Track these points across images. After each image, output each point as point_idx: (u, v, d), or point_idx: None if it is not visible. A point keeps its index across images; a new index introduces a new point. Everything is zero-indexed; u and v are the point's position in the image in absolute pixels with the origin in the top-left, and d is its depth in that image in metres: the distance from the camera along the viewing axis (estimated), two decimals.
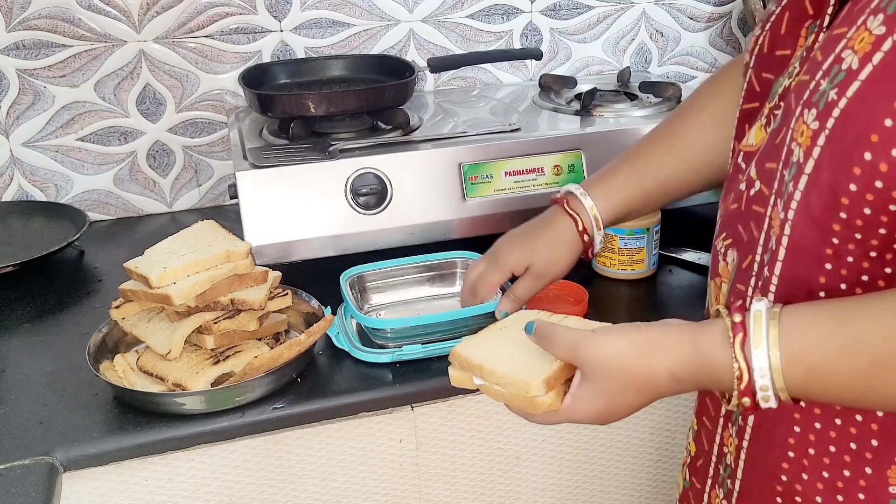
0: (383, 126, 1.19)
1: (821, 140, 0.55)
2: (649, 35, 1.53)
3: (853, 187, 0.53)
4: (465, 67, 1.41)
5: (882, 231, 0.53)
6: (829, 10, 0.61)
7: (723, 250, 0.69)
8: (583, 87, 1.31)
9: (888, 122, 0.50)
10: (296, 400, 0.87)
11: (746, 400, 0.54)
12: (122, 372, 0.88)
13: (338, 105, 1.14)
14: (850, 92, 0.53)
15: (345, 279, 0.99)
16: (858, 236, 0.54)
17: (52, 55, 1.25)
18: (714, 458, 0.73)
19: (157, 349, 0.87)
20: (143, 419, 0.84)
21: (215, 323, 0.88)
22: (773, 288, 0.61)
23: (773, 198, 0.60)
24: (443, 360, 0.92)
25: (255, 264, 0.93)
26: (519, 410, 0.68)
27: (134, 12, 1.26)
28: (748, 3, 1.50)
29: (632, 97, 1.30)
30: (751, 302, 0.59)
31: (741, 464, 0.68)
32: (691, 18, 1.54)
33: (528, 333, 0.67)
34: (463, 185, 1.09)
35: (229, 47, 1.32)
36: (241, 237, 0.99)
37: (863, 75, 0.52)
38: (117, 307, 0.92)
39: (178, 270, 0.87)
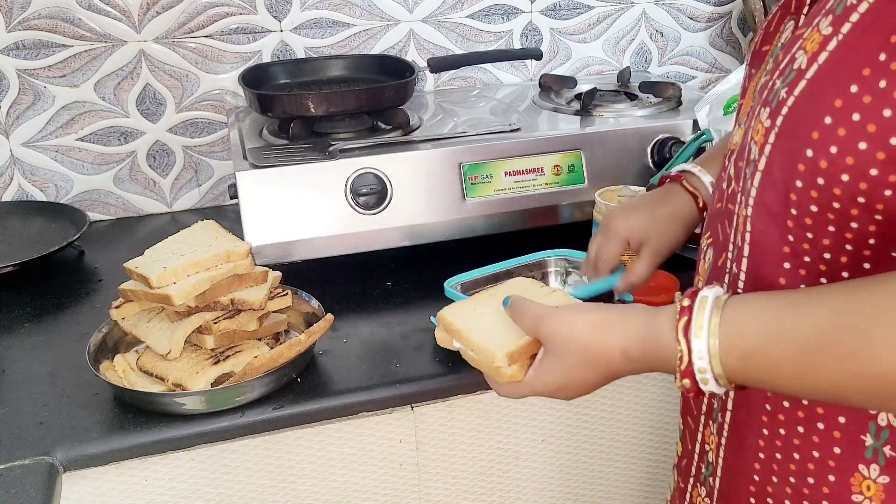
0: (383, 126, 1.19)
1: (772, 137, 0.56)
2: (649, 35, 1.53)
3: (799, 184, 0.54)
4: (465, 67, 1.41)
5: (831, 229, 0.54)
6: (805, 10, 0.63)
7: (704, 248, 0.70)
8: (583, 87, 1.31)
9: (828, 120, 0.51)
10: (296, 400, 0.87)
11: (687, 381, 0.55)
12: (122, 372, 0.88)
13: (338, 105, 1.14)
14: (797, 90, 0.54)
15: (449, 285, 0.98)
16: (810, 235, 0.55)
17: (52, 55, 1.25)
18: (696, 457, 0.73)
19: (157, 349, 0.87)
20: (143, 419, 0.84)
21: (215, 323, 0.88)
22: (741, 286, 0.62)
23: (739, 195, 0.62)
24: (445, 360, 0.93)
25: (255, 264, 0.93)
26: (488, 378, 0.70)
27: (134, 12, 1.26)
28: (748, 3, 1.50)
29: (632, 97, 1.30)
30: None
31: (720, 461, 0.69)
32: (691, 18, 1.54)
33: (504, 306, 0.70)
34: (463, 185, 1.09)
35: (229, 47, 1.32)
36: (242, 237, 0.99)
37: (809, 74, 0.54)
38: (117, 307, 0.92)
39: (178, 270, 0.87)
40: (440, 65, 1.29)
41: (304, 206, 1.04)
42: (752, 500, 0.66)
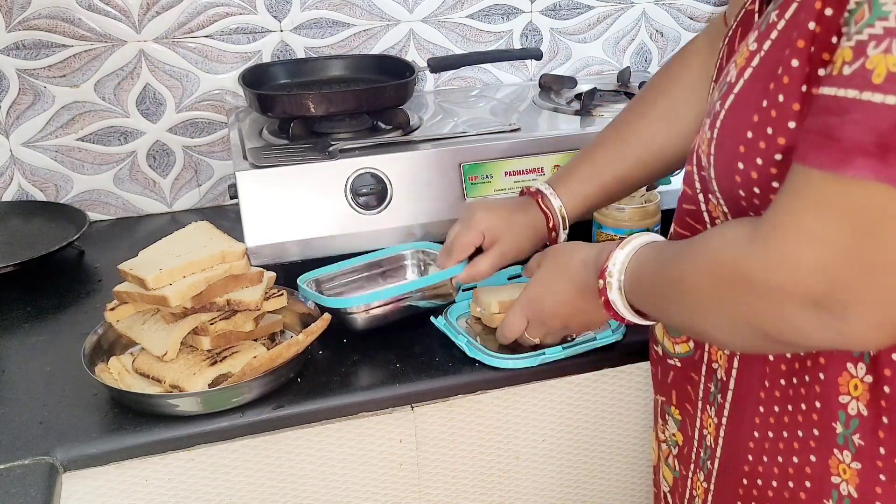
0: (383, 126, 1.19)
1: (712, 149, 0.60)
2: (649, 35, 1.53)
3: (742, 192, 0.58)
4: (465, 67, 1.41)
5: None
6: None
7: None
8: (583, 87, 1.31)
9: (749, 135, 0.55)
10: (295, 400, 0.87)
11: (601, 282, 0.72)
12: (118, 374, 0.88)
13: (338, 105, 1.14)
14: (727, 104, 0.58)
15: (302, 282, 1.00)
16: None
17: (52, 55, 1.25)
18: (696, 443, 0.75)
19: (153, 351, 0.87)
20: (143, 419, 0.84)
21: (211, 324, 0.88)
22: None
23: (708, 197, 0.65)
24: (445, 361, 0.93)
25: (254, 264, 0.93)
26: (498, 334, 0.91)
27: (134, 12, 1.26)
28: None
29: (631, 97, 1.30)
30: None
31: (720, 442, 0.71)
32: (691, 18, 1.54)
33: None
34: (463, 185, 1.09)
35: (229, 47, 1.32)
36: (242, 237, 0.99)
37: (736, 88, 0.57)
38: (112, 309, 0.92)
39: (173, 272, 0.87)
40: (440, 65, 1.29)
41: (305, 206, 1.04)
42: (744, 480, 0.68)
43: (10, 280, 1.13)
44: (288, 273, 1.02)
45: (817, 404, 0.60)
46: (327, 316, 0.91)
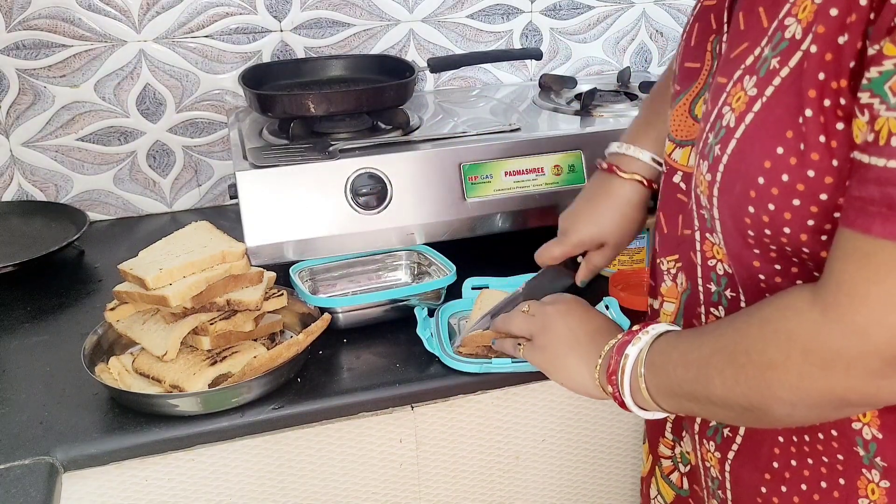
0: (383, 126, 1.19)
1: (715, 191, 0.60)
2: (649, 35, 1.53)
3: (751, 233, 0.58)
4: (465, 67, 1.41)
5: (795, 260, 0.58)
6: (725, 28, 0.65)
7: (672, 270, 0.73)
8: (583, 87, 1.31)
9: (761, 181, 0.55)
10: (295, 400, 0.87)
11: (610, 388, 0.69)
12: (118, 374, 0.88)
13: (338, 105, 1.14)
14: (729, 149, 0.58)
15: (294, 272, 1.02)
16: (778, 267, 0.59)
17: (52, 55, 1.25)
18: (702, 471, 0.75)
19: (153, 351, 0.87)
20: (143, 419, 0.84)
21: (211, 324, 0.88)
22: (743, 306, 0.65)
23: (707, 234, 0.66)
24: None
25: (254, 264, 0.93)
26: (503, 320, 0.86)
27: (134, 12, 1.26)
28: None
29: (632, 97, 1.30)
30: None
31: (727, 475, 0.70)
32: None
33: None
34: (463, 185, 1.09)
35: (229, 47, 1.32)
36: (242, 237, 0.99)
37: (738, 133, 0.57)
38: (112, 309, 0.92)
39: (174, 272, 0.87)
40: (440, 65, 1.29)
41: (305, 206, 1.04)
42: None
43: (10, 280, 1.13)
44: (288, 273, 1.03)
45: (834, 433, 0.61)
46: (327, 316, 0.91)
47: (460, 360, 0.91)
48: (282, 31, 1.34)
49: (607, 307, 1.00)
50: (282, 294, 0.95)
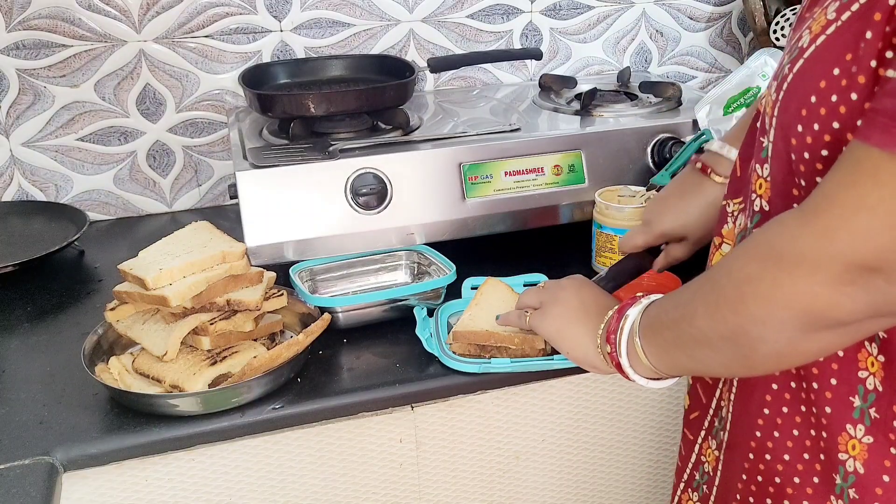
0: (383, 126, 1.19)
1: (776, 111, 0.61)
2: (649, 35, 1.53)
3: (793, 156, 0.58)
4: (465, 67, 1.41)
5: None
6: None
7: (734, 212, 0.73)
8: (583, 87, 1.31)
9: (813, 99, 0.55)
10: (295, 400, 0.87)
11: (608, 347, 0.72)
12: (118, 374, 0.88)
13: (338, 105, 1.14)
14: (796, 68, 0.58)
15: (294, 272, 1.02)
16: None
17: (52, 55, 1.25)
18: (711, 412, 0.76)
19: (153, 351, 0.87)
20: (142, 419, 0.84)
21: (211, 324, 0.88)
22: None
23: (760, 164, 0.65)
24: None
25: (254, 264, 0.93)
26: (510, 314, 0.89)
27: (134, 12, 1.26)
28: (748, 3, 1.50)
29: (632, 97, 1.30)
30: None
31: (730, 416, 0.73)
32: (691, 18, 1.54)
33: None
34: (463, 185, 1.09)
35: (229, 47, 1.32)
36: (242, 237, 0.99)
37: (807, 54, 0.57)
38: (112, 309, 0.92)
39: (174, 271, 0.87)
40: (440, 65, 1.29)
41: (305, 206, 1.04)
42: (750, 455, 0.70)
43: (10, 280, 1.13)
44: (288, 273, 1.03)
45: (833, 381, 0.62)
46: (327, 316, 0.91)
47: (459, 360, 0.91)
48: (282, 31, 1.34)
49: None
50: (282, 294, 0.95)
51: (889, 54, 0.51)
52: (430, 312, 1.00)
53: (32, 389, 0.90)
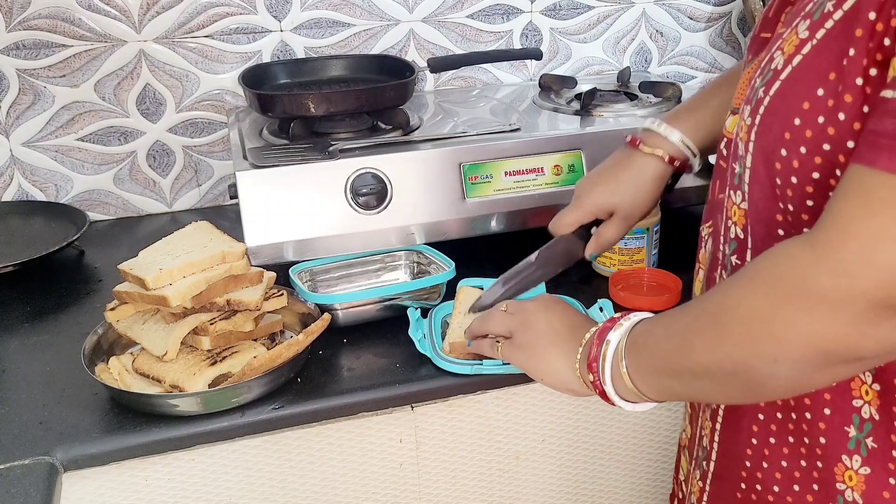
0: (383, 126, 1.19)
1: (753, 136, 0.59)
2: (649, 35, 1.53)
3: (779, 181, 0.57)
4: (465, 67, 1.41)
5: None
6: None
7: (705, 237, 0.72)
8: (583, 87, 1.31)
9: (797, 122, 0.54)
10: (295, 400, 0.87)
11: (590, 376, 0.68)
12: (118, 374, 0.88)
13: (338, 105, 1.14)
14: (772, 91, 0.57)
15: (294, 272, 1.02)
16: (807, 230, 0.56)
17: (52, 55, 1.25)
18: (696, 440, 0.75)
19: (153, 351, 0.87)
20: (142, 419, 0.84)
21: (211, 324, 0.88)
22: None
23: (736, 190, 0.64)
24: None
25: (254, 264, 0.93)
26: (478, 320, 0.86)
27: (134, 12, 1.26)
28: (748, 3, 1.50)
29: (632, 97, 1.30)
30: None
31: (715, 446, 0.71)
32: (691, 18, 1.54)
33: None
34: (463, 185, 1.09)
35: (229, 47, 1.32)
36: (242, 237, 0.99)
37: (783, 75, 0.56)
38: (112, 309, 0.92)
39: (174, 271, 0.87)
40: (440, 65, 1.29)
41: (305, 206, 1.04)
42: (742, 485, 0.68)
43: (10, 280, 1.13)
44: (288, 273, 1.03)
45: (826, 411, 0.60)
46: (327, 316, 0.91)
47: (451, 361, 0.90)
48: (282, 31, 1.34)
49: (601, 309, 1.00)
50: (282, 294, 0.95)
51: (873, 71, 0.49)
52: (425, 313, 1.00)
53: (32, 389, 0.90)
